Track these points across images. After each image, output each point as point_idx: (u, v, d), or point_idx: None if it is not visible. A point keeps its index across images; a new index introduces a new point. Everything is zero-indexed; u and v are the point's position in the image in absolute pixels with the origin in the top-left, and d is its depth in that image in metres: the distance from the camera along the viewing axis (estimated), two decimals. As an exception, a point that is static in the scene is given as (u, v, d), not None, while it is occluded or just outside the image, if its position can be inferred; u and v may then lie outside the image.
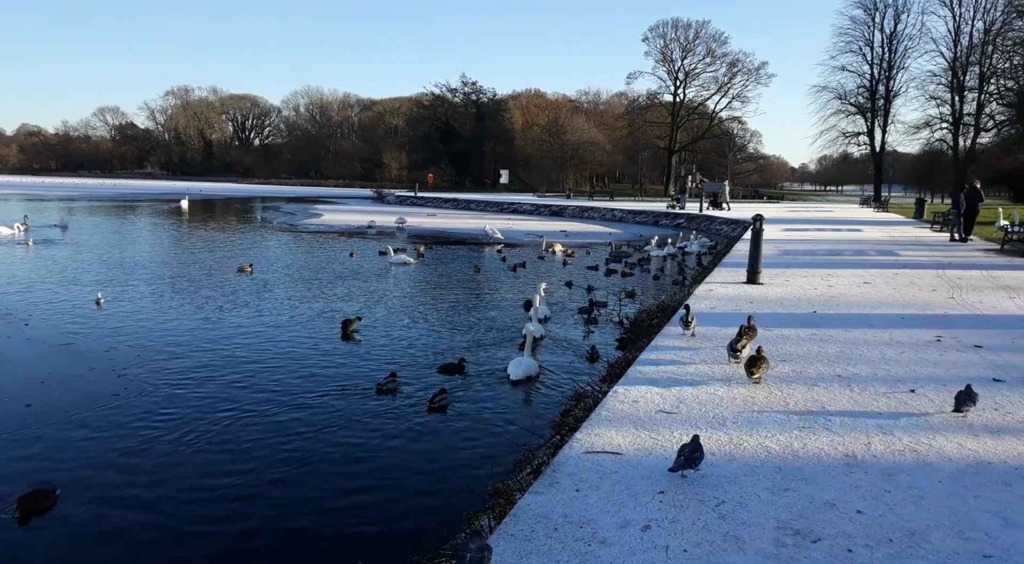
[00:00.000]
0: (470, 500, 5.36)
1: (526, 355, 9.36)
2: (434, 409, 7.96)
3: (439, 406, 8.00)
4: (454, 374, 9.31)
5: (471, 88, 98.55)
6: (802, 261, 16.91)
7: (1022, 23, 55.55)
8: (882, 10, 70.86)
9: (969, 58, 65.83)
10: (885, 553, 3.59)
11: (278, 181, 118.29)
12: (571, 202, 56.45)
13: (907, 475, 4.56)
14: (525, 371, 9.10)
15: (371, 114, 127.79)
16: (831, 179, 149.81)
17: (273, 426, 7.47)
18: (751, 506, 4.12)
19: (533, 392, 8.77)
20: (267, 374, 9.31)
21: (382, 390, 8.60)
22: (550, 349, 10.71)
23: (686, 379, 6.74)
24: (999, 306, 10.84)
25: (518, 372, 9.07)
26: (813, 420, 5.58)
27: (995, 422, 5.56)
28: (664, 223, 40.54)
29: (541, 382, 9.12)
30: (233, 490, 6.02)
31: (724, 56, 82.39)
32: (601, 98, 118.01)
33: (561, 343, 11.16)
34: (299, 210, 52.18)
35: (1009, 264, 16.56)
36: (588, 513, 4.04)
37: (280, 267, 19.75)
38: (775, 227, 27.87)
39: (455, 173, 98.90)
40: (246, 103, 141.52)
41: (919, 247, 20.91)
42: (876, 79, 72.41)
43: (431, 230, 35.68)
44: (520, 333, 11.38)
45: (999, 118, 62.88)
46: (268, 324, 12.31)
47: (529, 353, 9.42)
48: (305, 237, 30.46)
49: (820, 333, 8.75)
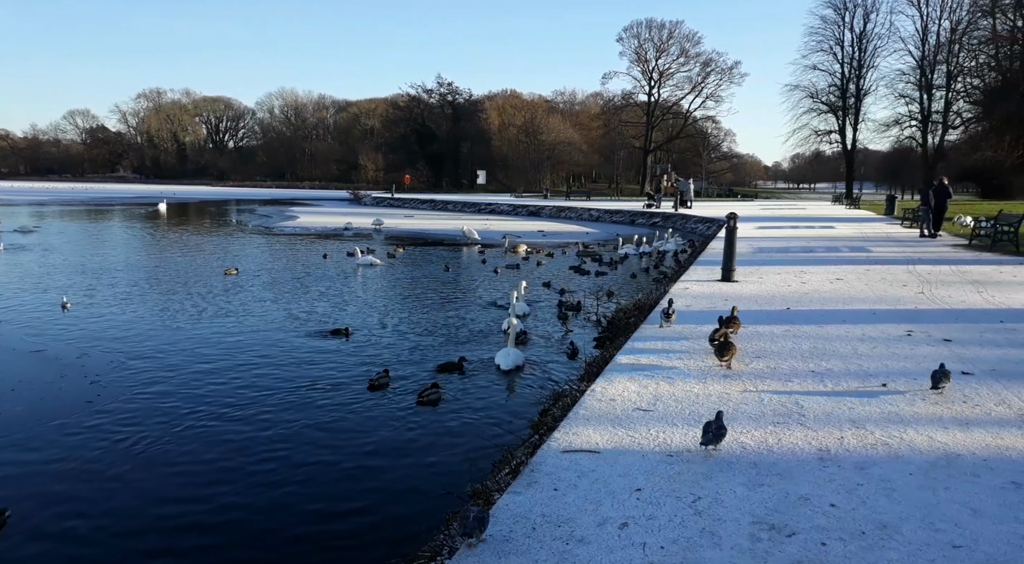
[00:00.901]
0: (449, 501, 5.35)
1: (511, 346, 9.90)
2: (423, 403, 8.11)
3: (429, 400, 8.17)
4: (452, 372, 9.46)
5: (447, 89, 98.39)
6: (776, 258, 17.09)
7: (987, 22, 56.60)
8: (851, 9, 72.00)
9: (936, 57, 67.05)
10: (858, 546, 3.65)
11: (253, 184, 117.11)
12: (548, 202, 56.58)
13: (879, 468, 4.63)
14: (514, 361, 9.66)
15: (347, 115, 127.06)
16: (804, 177, 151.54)
17: (251, 428, 7.41)
18: (727, 502, 4.16)
19: (514, 390, 8.81)
20: (243, 376, 9.23)
21: (374, 386, 8.75)
22: (530, 347, 10.73)
23: (663, 376, 6.78)
24: (967, 300, 11.04)
25: (508, 362, 9.61)
26: (787, 415, 5.65)
27: (964, 414, 5.67)
28: (640, 222, 40.76)
29: (523, 378, 9.21)
30: (213, 493, 5.97)
31: (698, 56, 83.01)
32: (577, 98, 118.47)
33: (541, 341, 11.19)
34: (274, 212, 51.77)
35: (977, 259, 16.86)
36: (566, 512, 4.06)
37: (252, 269, 19.58)
38: (749, 225, 28.14)
39: (432, 174, 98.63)
40: (220, 105, 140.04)
41: (890, 243, 21.23)
42: (847, 78, 73.52)
43: (408, 231, 35.57)
44: (501, 329, 11.88)
45: (966, 115, 64.05)
46: (242, 327, 12.21)
47: (513, 344, 10.00)
48: (280, 240, 30.23)
49: (794, 329, 8.86)
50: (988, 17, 55.61)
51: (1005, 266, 15.42)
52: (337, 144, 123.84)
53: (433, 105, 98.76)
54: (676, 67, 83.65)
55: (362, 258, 20.81)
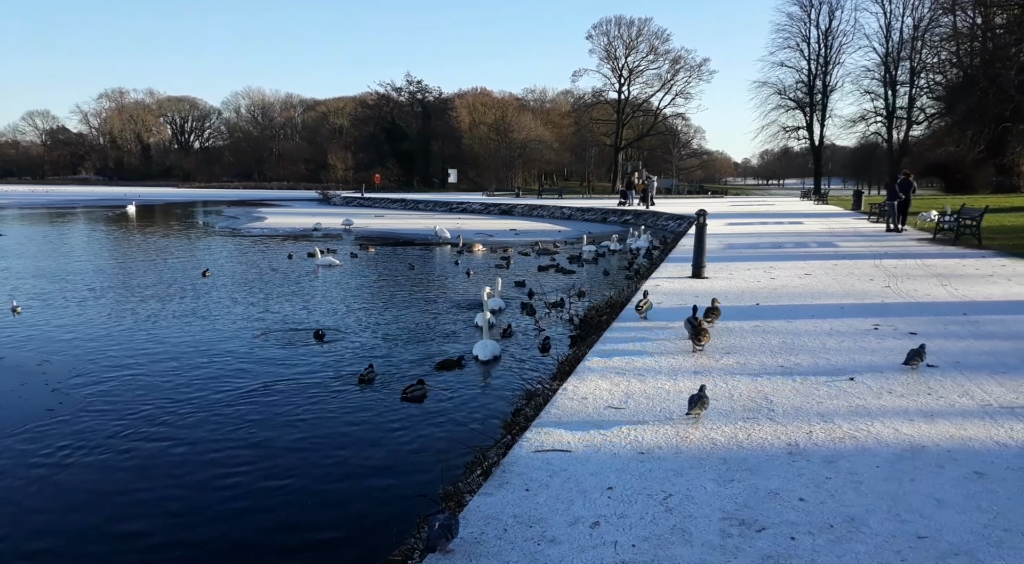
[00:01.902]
0: (421, 504, 5.31)
1: (487, 338, 10.38)
2: (408, 399, 8.24)
3: (413, 396, 8.32)
4: (452, 369, 9.63)
5: (416, 87, 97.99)
6: (746, 254, 17.26)
7: (948, 19, 57.69)
8: (817, 6, 72.86)
9: (900, 53, 68.20)
10: (826, 539, 3.68)
11: (220, 184, 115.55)
12: (520, 200, 56.61)
13: (847, 461, 4.68)
14: (492, 352, 10.16)
15: (315, 114, 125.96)
16: (773, 173, 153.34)
17: (220, 431, 7.30)
18: (697, 498, 4.17)
19: (489, 388, 8.86)
20: (209, 379, 9.09)
21: (364, 379, 9.05)
22: (507, 344, 10.73)
23: (634, 374, 6.80)
24: (932, 294, 11.23)
25: (486, 353, 10.10)
26: (757, 410, 5.70)
27: (929, 406, 5.76)
28: (612, 220, 40.95)
29: (498, 376, 9.28)
30: (181, 497, 5.86)
31: (667, 53, 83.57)
32: (547, 96, 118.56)
33: (516, 338, 11.18)
34: (242, 214, 51.14)
35: (941, 253, 17.18)
36: (538, 512, 4.04)
37: (215, 271, 19.30)
38: (719, 222, 28.41)
39: (402, 173, 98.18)
40: (185, 105, 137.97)
41: (857, 238, 21.55)
42: (813, 74, 74.42)
43: (379, 231, 35.36)
44: (474, 324, 12.27)
45: (929, 111, 65.27)
46: (205, 329, 12.04)
47: (489, 336, 10.47)
48: (247, 241, 29.87)
49: (763, 325, 8.94)
50: (949, 14, 56.65)
51: (968, 259, 15.73)
52: (305, 143, 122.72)
53: (403, 103, 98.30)
54: (645, 64, 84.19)
55: (322, 259, 20.73)
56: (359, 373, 9.28)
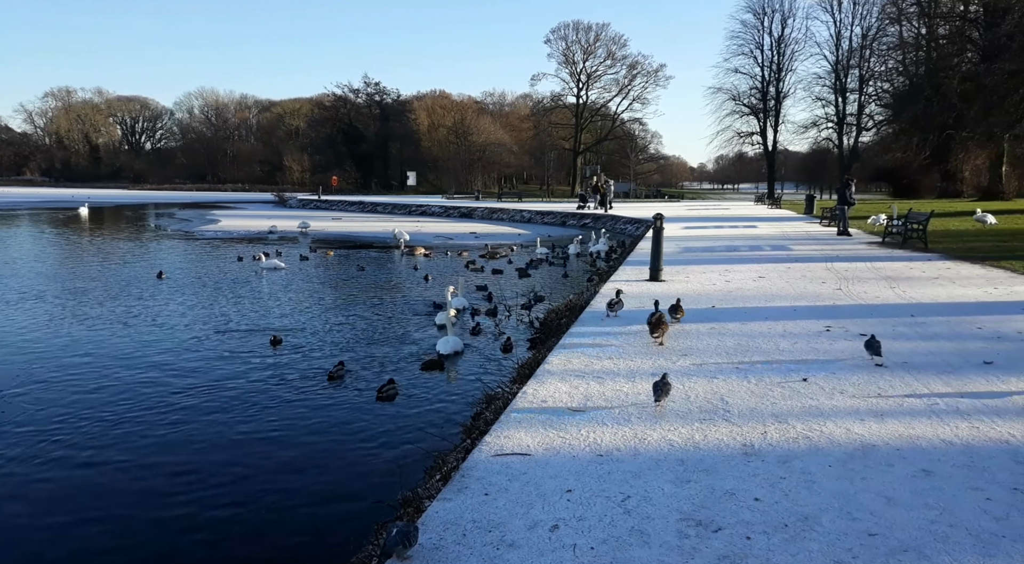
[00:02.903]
0: (380, 510, 5.26)
1: (450, 334, 10.71)
2: (382, 398, 8.38)
3: (387, 395, 8.43)
4: (433, 370, 9.75)
5: (374, 89, 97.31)
6: (702, 258, 17.51)
7: (895, 29, 59.48)
8: (770, 15, 74.60)
9: (849, 61, 70.18)
10: (781, 538, 3.74)
11: (172, 187, 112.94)
12: (480, 204, 56.57)
13: (800, 461, 4.77)
14: (452, 347, 10.43)
15: (270, 116, 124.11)
16: (728, 177, 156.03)
17: (173, 436, 7.13)
18: (655, 499, 4.21)
19: (449, 391, 8.81)
20: (160, 383, 8.87)
21: (332, 377, 9.22)
22: (468, 348, 10.72)
23: (593, 376, 6.84)
24: (882, 296, 11.53)
25: (446, 348, 10.38)
26: (713, 412, 5.77)
27: (879, 406, 5.90)
28: (571, 223, 41.16)
29: (459, 379, 9.31)
30: (123, 503, 5.70)
31: (624, 58, 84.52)
32: (506, 99, 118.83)
33: (477, 340, 11.16)
34: (195, 216, 50.12)
35: (890, 256, 17.66)
36: (497, 516, 4.03)
37: (168, 274, 18.89)
38: (676, 225, 28.77)
39: (360, 175, 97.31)
40: (135, 105, 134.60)
41: (809, 241, 22.03)
42: (767, 81, 76.06)
43: (336, 234, 34.99)
44: (434, 323, 12.61)
45: (877, 118, 67.24)
46: (150, 333, 11.75)
47: (451, 332, 10.81)
48: (200, 244, 29.28)
49: (719, 327, 9.07)
50: (895, 24, 58.45)
51: (915, 262, 16.19)
52: (261, 145, 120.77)
53: (360, 105, 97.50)
54: (603, 69, 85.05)
55: (267, 262, 20.49)
56: (328, 371, 9.46)
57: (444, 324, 11.73)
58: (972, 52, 43.19)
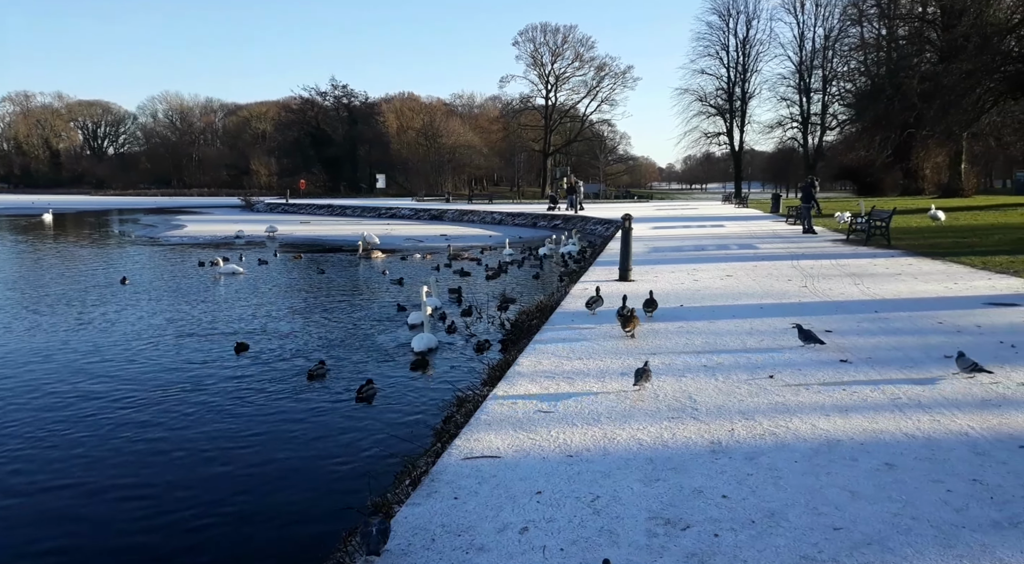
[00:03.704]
0: (349, 517, 5.20)
1: (426, 331, 10.99)
2: (362, 399, 8.46)
3: (366, 396, 8.51)
4: (416, 369, 9.87)
5: (342, 91, 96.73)
6: (670, 257, 17.65)
7: (856, 30, 60.60)
8: (735, 16, 75.53)
9: (813, 62, 71.31)
10: (748, 534, 3.77)
11: (137, 192, 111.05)
12: (451, 206, 56.48)
13: (767, 457, 4.82)
14: (426, 344, 10.69)
15: (236, 119, 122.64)
16: (696, 178, 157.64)
17: (136, 440, 6.99)
18: (624, 499, 4.22)
19: (422, 393, 8.83)
20: (119, 388, 8.70)
21: (312, 375, 9.37)
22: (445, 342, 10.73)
23: (563, 377, 6.85)
24: (846, 293, 11.71)
25: (421, 345, 10.66)
26: (681, 410, 5.81)
27: (843, 401, 5.99)
28: (542, 225, 41.24)
29: (431, 381, 9.34)
30: (87, 508, 5.58)
31: (592, 60, 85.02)
32: (475, 101, 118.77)
33: (451, 341, 11.13)
34: (160, 222, 49.32)
35: (854, 253, 17.96)
36: (466, 520, 4.01)
37: (131, 280, 18.57)
38: (645, 226, 28.96)
39: (329, 178, 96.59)
40: (97, 110, 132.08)
41: (776, 240, 22.33)
42: (733, 82, 76.97)
43: (305, 238, 34.69)
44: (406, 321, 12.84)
45: (841, 117, 68.48)
46: (109, 340, 11.53)
47: (428, 330, 11.06)
48: (164, 250, 28.82)
49: (687, 326, 9.14)
50: (857, 25, 59.57)
51: (879, 259, 16.49)
52: (227, 149, 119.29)
53: (328, 108, 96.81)
54: (571, 71, 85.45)
55: (224, 267, 20.26)
56: (308, 369, 9.61)
57: (416, 324, 12.15)
58: (931, 52, 44.17)
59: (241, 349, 10.93)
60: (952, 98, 33.19)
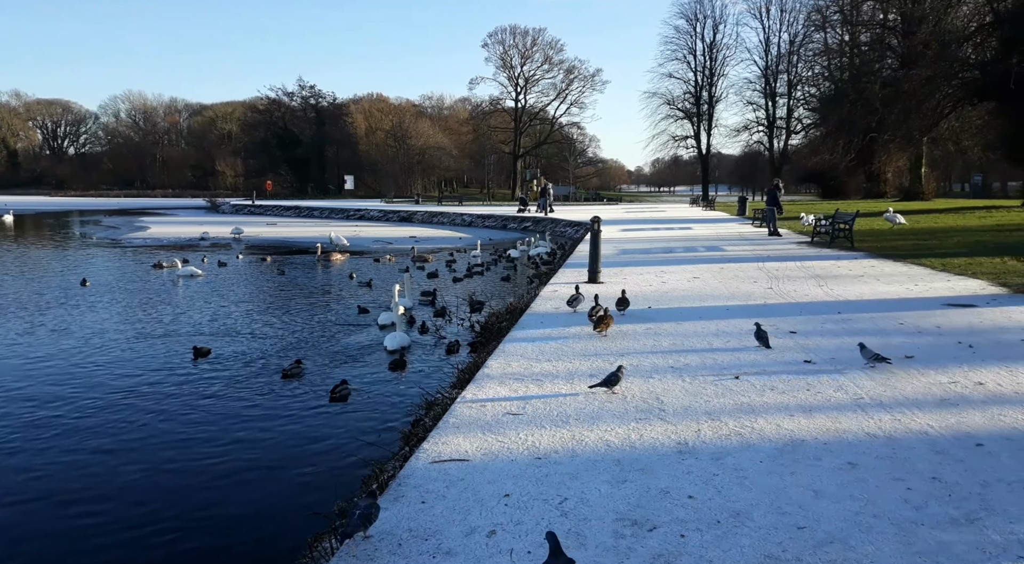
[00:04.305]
0: (315, 522, 5.14)
1: (399, 330, 11.28)
2: (336, 399, 8.54)
3: (340, 396, 8.59)
4: (396, 369, 9.98)
5: (309, 92, 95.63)
6: (639, 259, 17.77)
7: (820, 36, 61.66)
8: (702, 20, 76.55)
9: (778, 67, 72.48)
10: (713, 535, 3.80)
11: (98, 193, 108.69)
12: (420, 207, 56.25)
13: (733, 458, 4.87)
14: (399, 343, 10.91)
15: (201, 119, 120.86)
16: (664, 180, 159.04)
17: (100, 442, 6.84)
18: (592, 500, 4.23)
19: (392, 396, 8.77)
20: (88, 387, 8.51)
21: (287, 375, 9.48)
22: (418, 344, 10.66)
23: (532, 379, 6.85)
24: (810, 294, 11.89)
25: (393, 343, 10.89)
26: (649, 411, 5.84)
27: (807, 402, 6.07)
28: (512, 227, 41.28)
29: (402, 383, 9.26)
30: (46, 512, 5.44)
31: (561, 63, 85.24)
32: (445, 103, 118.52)
33: (423, 343, 11.08)
34: (123, 223, 48.41)
35: (818, 255, 18.25)
36: (434, 524, 3.98)
37: (91, 282, 18.19)
38: (614, 228, 29.15)
39: (296, 180, 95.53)
40: (57, 109, 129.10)
41: (742, 242, 22.60)
42: (700, 85, 77.96)
43: (271, 240, 34.29)
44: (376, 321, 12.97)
45: (806, 121, 69.68)
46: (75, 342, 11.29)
47: (400, 328, 11.36)
48: (127, 252, 28.28)
49: (655, 327, 9.20)
50: (821, 31, 60.62)
51: (842, 261, 16.77)
52: (192, 150, 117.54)
53: (295, 108, 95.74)
54: (541, 74, 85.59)
55: (182, 269, 19.98)
56: (282, 368, 9.72)
57: (386, 324, 12.40)
58: (892, 58, 45.11)
59: (200, 354, 10.67)
60: (912, 103, 33.93)
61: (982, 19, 33.85)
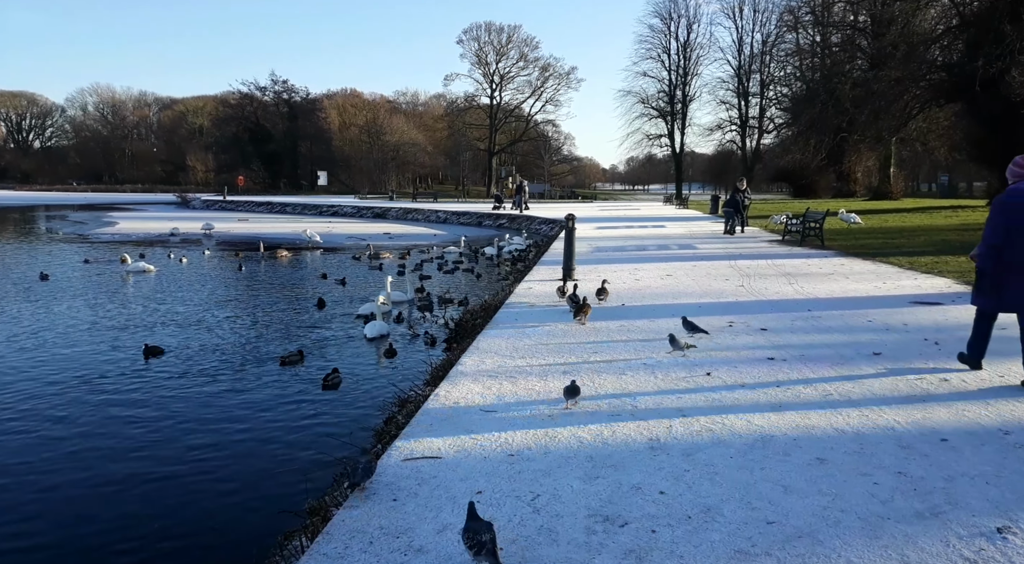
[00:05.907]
0: (285, 520, 5.10)
1: (378, 320, 11.77)
2: (328, 386, 8.83)
3: (332, 384, 8.88)
4: (388, 357, 10.34)
5: (282, 86, 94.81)
6: (613, 257, 17.85)
7: (792, 36, 62.38)
8: (676, 19, 77.09)
9: (751, 66, 73.25)
10: (684, 530, 3.83)
11: (65, 188, 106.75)
12: (394, 204, 55.99)
13: (704, 454, 4.90)
14: (378, 331, 11.33)
15: (172, 114, 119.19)
16: (638, 179, 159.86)
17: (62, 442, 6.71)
18: (564, 497, 4.24)
19: (366, 394, 8.71)
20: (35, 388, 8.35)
21: (285, 362, 9.82)
22: (395, 337, 10.60)
23: (505, 376, 6.84)
24: (781, 292, 12.03)
25: (373, 331, 11.30)
26: (621, 408, 5.87)
27: (777, 398, 6.14)
28: (487, 224, 41.23)
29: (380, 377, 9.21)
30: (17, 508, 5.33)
31: (536, 60, 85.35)
32: (420, 99, 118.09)
33: (402, 337, 11.03)
34: (91, 219, 47.56)
35: (789, 253, 18.47)
36: (405, 522, 3.96)
37: (52, 277, 17.86)
38: (589, 226, 29.25)
39: (268, 175, 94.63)
40: (21, 101, 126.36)
41: (714, 240, 22.79)
42: (674, 84, 78.50)
43: (243, 236, 33.89)
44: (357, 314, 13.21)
45: (778, 121, 70.46)
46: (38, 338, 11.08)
47: (380, 319, 11.85)
48: (97, 248, 27.78)
49: (628, 325, 9.25)
50: (793, 31, 61.35)
51: (812, 259, 16.99)
52: (162, 144, 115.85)
53: (267, 103, 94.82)
54: (516, 71, 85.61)
55: (132, 265, 19.66)
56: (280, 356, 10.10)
57: (365, 314, 12.78)
58: (862, 59, 45.73)
59: (152, 354, 10.44)
60: (882, 104, 34.46)
61: (949, 22, 34.45)
